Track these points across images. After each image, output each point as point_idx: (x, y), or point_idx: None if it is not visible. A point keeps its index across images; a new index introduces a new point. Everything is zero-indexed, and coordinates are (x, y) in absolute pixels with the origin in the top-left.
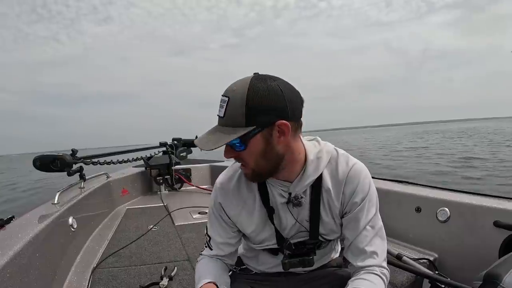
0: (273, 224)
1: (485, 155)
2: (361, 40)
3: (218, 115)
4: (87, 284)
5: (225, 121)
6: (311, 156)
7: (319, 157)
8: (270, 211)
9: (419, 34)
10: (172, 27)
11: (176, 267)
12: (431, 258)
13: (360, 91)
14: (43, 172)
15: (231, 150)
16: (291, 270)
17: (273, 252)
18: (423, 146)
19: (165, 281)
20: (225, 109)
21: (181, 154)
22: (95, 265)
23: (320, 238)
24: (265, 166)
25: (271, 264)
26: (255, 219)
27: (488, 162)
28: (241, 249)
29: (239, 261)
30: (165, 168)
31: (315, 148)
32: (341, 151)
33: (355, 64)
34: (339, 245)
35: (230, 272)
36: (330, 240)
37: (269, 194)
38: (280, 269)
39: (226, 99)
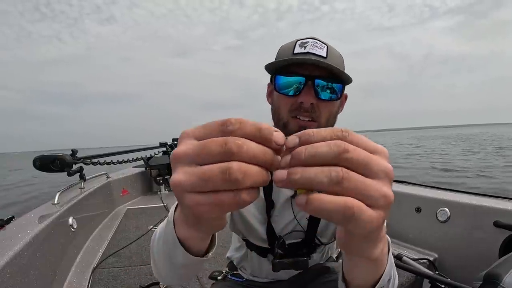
0: (269, 219)
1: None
2: (363, 44)
3: (309, 52)
4: (87, 284)
5: (329, 61)
6: None
7: None
8: (270, 205)
9: (421, 39)
10: (175, 28)
11: None
12: (431, 258)
13: (363, 95)
14: (43, 172)
15: (314, 95)
16: (284, 275)
17: (262, 253)
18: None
19: None
20: (327, 51)
21: None
22: (95, 265)
23: (315, 240)
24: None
25: (260, 269)
26: (251, 211)
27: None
28: (231, 251)
29: (232, 266)
30: (165, 168)
31: None
32: None
33: (358, 68)
34: (335, 252)
35: (222, 276)
36: (324, 244)
37: (273, 185)
38: (272, 277)
39: (325, 45)
